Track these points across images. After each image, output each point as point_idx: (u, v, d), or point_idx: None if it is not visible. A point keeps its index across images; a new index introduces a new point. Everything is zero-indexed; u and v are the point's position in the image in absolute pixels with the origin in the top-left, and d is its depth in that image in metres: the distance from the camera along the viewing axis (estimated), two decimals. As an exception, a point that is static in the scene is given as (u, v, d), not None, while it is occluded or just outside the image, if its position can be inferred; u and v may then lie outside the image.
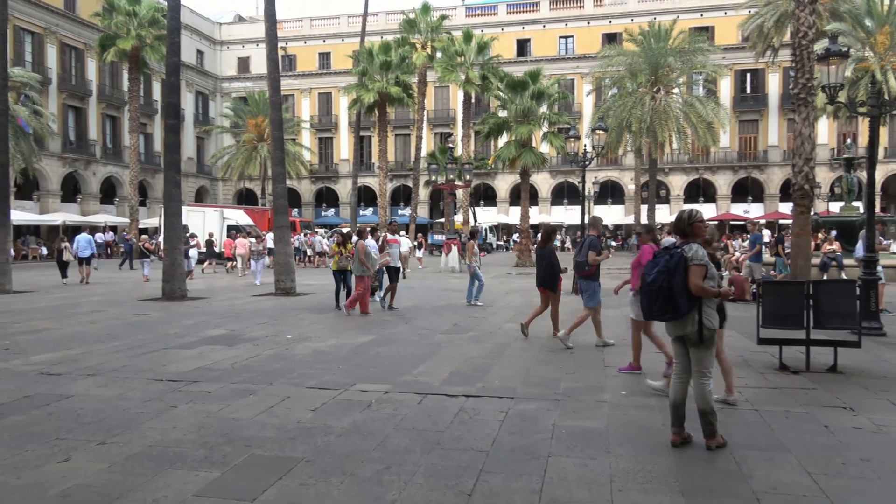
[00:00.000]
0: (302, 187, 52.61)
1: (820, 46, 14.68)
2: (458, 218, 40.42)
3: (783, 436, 5.00)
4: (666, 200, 47.09)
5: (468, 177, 33.33)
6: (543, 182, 49.87)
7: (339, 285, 13.46)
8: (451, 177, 29.88)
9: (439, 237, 36.41)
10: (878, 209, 37.51)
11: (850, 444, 4.81)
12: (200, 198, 51.13)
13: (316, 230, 39.36)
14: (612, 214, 48.95)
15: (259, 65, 50.81)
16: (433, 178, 35.22)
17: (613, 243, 41.89)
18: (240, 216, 33.97)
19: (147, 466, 4.41)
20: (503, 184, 50.76)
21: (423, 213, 49.29)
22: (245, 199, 52.15)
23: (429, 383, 6.78)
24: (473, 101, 41.65)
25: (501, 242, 49.27)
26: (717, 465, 4.40)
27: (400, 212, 51.53)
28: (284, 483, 4.13)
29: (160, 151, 43.60)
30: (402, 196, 52.10)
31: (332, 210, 54.23)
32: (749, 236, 17.37)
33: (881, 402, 5.97)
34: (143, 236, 25.07)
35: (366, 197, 51.65)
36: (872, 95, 10.90)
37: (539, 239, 9.99)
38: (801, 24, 14.43)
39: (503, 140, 30.97)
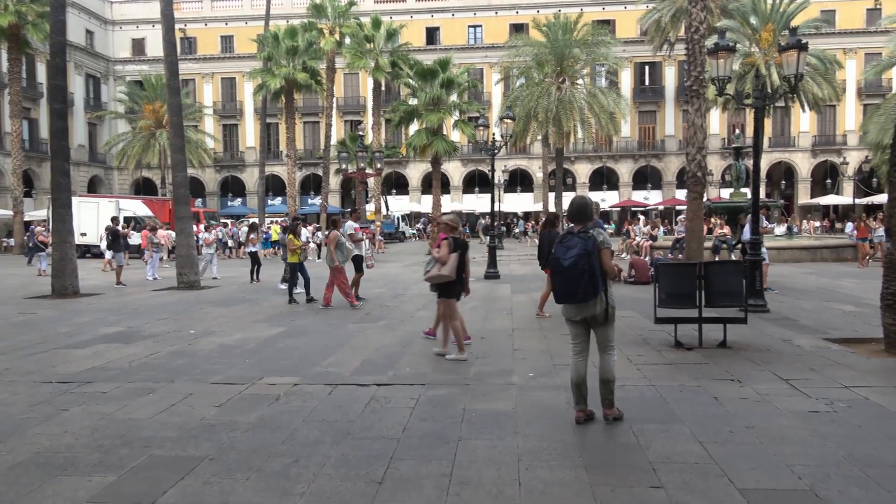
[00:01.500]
0: (206, 176, 50.49)
1: (711, 41, 15.57)
2: (371, 207, 40.10)
3: (677, 408, 5.31)
4: (573, 188, 48.59)
5: (379, 165, 33.06)
6: (455, 170, 50.28)
7: (295, 277, 12.83)
8: (362, 165, 29.57)
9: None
10: (763, 195, 40.34)
11: (737, 413, 5.17)
12: (94, 188, 48.05)
13: (223, 221, 37.90)
14: (521, 202, 50.12)
15: (155, 47, 48.06)
16: (344, 166, 34.67)
17: (521, 230, 42.82)
18: (138, 207, 32.23)
19: (34, 475, 4.12)
20: (415, 172, 50.79)
21: (334, 202, 48.52)
22: (144, 189, 49.47)
23: (339, 374, 6.71)
24: (384, 88, 41.26)
25: (414, 231, 49.34)
26: (617, 440, 4.61)
27: (310, 201, 50.55)
28: (186, 483, 3.98)
29: (47, 138, 40.56)
30: (313, 185, 51.10)
31: (239, 200, 52.44)
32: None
33: (765, 373, 6.44)
34: (39, 228, 23.27)
35: (274, 186, 50.26)
36: (757, 88, 11.68)
37: (543, 223, 10.41)
38: (693, 20, 15.21)
39: (414, 128, 30.90)
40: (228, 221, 37.64)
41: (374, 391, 5.98)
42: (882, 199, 30.32)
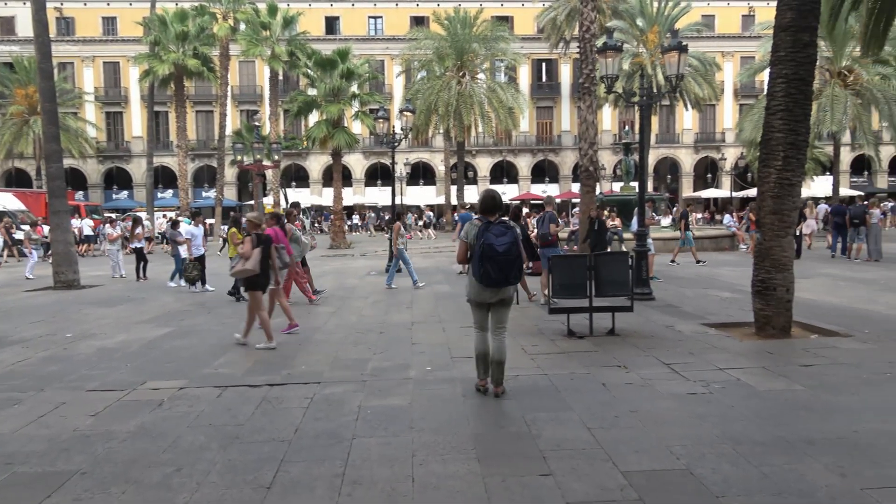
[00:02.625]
0: (87, 167, 47.11)
1: (601, 41, 16.19)
2: (269, 200, 38.87)
3: (568, 396, 5.47)
4: (474, 181, 49.32)
5: (277, 157, 32.09)
6: (357, 163, 49.68)
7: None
8: (259, 157, 28.55)
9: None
10: (650, 189, 42.62)
11: (622, 398, 5.40)
12: (-44, 179, 43.68)
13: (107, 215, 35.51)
14: (424, 195, 50.23)
15: (26, 26, 44.12)
16: (239, 157, 33.35)
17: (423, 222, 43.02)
18: (9, 200, 29.61)
19: None
20: (316, 164, 49.73)
21: (230, 195, 46.68)
22: (16, 180, 45.46)
23: (230, 375, 6.44)
24: (281, 77, 40.01)
25: (316, 224, 48.35)
26: (509, 430, 4.70)
27: (204, 194, 48.32)
28: (54, 501, 3.67)
29: None
30: (207, 177, 48.85)
31: (125, 192, 49.29)
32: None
33: (649, 358, 6.77)
34: None
35: (164, 178, 47.64)
36: (643, 87, 12.25)
37: (510, 216, 10.05)
38: (584, 20, 15.76)
39: (314, 119, 30.25)
40: (113, 215, 35.35)
41: (266, 392, 5.78)
42: (756, 192, 32.80)
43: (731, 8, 50.36)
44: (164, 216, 33.09)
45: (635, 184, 18.58)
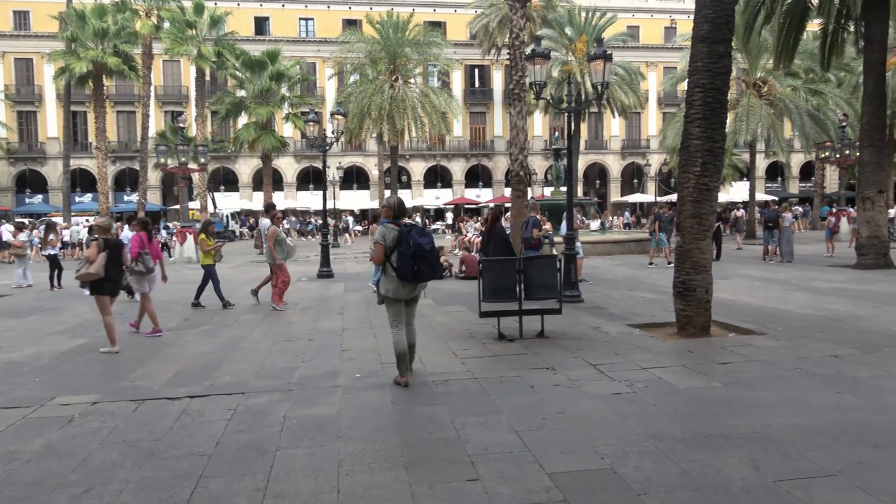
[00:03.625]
0: (-3, 169, 44.36)
1: (530, 49, 16.48)
2: (195, 204, 37.60)
3: (497, 399, 5.49)
4: (408, 185, 49.30)
5: (203, 160, 31.06)
6: (288, 166, 48.80)
7: (207, 281, 11.59)
8: (185, 160, 27.59)
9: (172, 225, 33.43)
10: (580, 193, 43.72)
11: (550, 400, 5.46)
12: None
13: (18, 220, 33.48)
14: (357, 199, 49.81)
15: (-72, 18, 41.38)
16: (163, 160, 32.16)
17: (359, 227, 42.62)
18: None
19: None
20: (245, 168, 48.52)
21: (154, 199, 44.95)
22: (-85, 183, 42.33)
23: (148, 387, 6.14)
24: (208, 78, 38.84)
25: (246, 230, 47.15)
26: (438, 436, 4.66)
27: (126, 198, 46.35)
28: (-57, 530, 3.38)
29: None
30: (129, 180, 46.88)
31: (40, 196, 46.65)
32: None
33: (577, 360, 6.89)
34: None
35: (83, 181, 45.42)
36: (571, 95, 12.52)
37: (489, 219, 10.72)
38: (514, 27, 16.01)
39: (243, 121, 29.51)
40: (26, 220, 33.38)
41: (186, 404, 5.54)
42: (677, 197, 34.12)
43: (654, 20, 52.34)
44: (87, 221, 31.44)
45: (565, 188, 19.00)
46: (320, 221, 42.25)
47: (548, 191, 38.59)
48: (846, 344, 7.30)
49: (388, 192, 39.62)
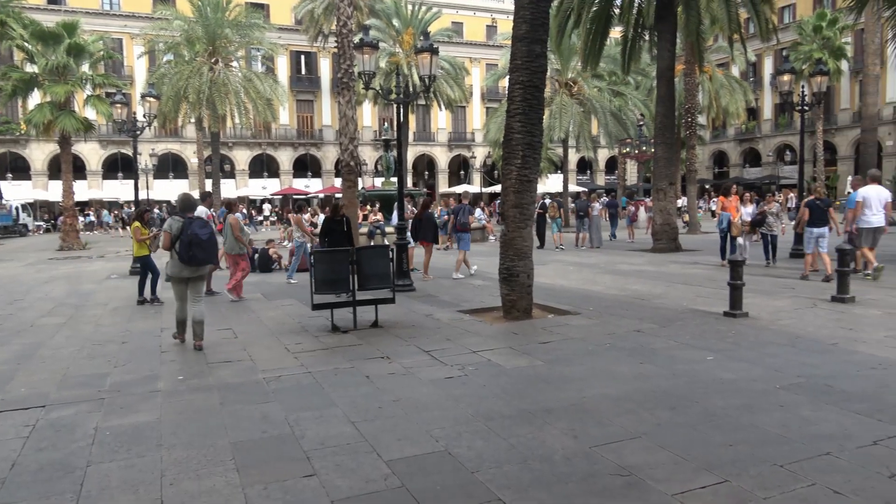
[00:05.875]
0: None
1: (358, 38, 16.39)
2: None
3: (332, 392, 5.43)
4: (231, 175, 46.86)
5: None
6: (92, 153, 44.12)
7: (147, 273, 10.70)
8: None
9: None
10: (409, 184, 44.49)
11: (385, 388, 5.50)
12: None
13: None
14: (174, 189, 46.31)
15: None
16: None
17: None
18: None
19: None
20: (39, 154, 43.04)
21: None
22: None
23: (-81, 408, 5.24)
24: (-12, 50, 33.79)
25: (41, 223, 41.90)
26: (272, 434, 4.50)
27: None
28: None
29: None
30: None
31: None
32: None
33: (410, 347, 7.02)
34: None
35: None
36: (399, 86, 12.64)
37: (421, 207, 13.63)
38: (341, 15, 15.80)
39: (36, 101, 26.10)
40: None
41: (-30, 424, 4.81)
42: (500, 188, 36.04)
43: (477, 17, 54.47)
44: None
45: (396, 179, 19.21)
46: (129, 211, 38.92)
47: (378, 181, 38.77)
48: (646, 319, 8.18)
49: (209, 182, 37.33)
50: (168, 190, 45.64)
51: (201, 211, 11.44)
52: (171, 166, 46.64)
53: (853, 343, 6.64)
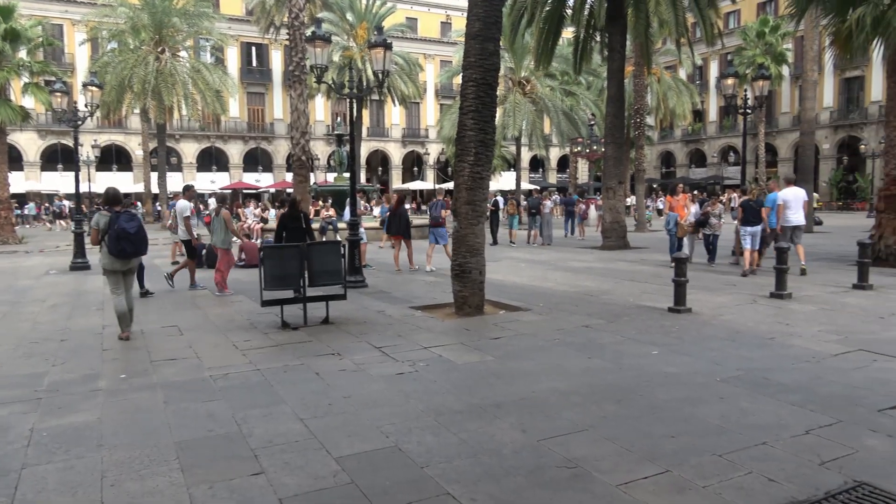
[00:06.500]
0: None
1: (311, 30, 16.16)
2: None
3: (281, 389, 5.36)
4: (178, 168, 45.64)
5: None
6: (30, 143, 42.30)
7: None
8: None
9: None
10: (362, 180, 44.18)
11: (336, 385, 5.47)
12: None
13: None
14: (119, 182, 44.83)
15: None
16: None
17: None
18: None
19: None
20: (-29, 143, 40.97)
21: None
22: None
23: None
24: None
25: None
26: (218, 433, 4.41)
27: None
28: None
29: None
30: None
31: None
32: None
33: (362, 344, 6.98)
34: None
35: None
36: (352, 80, 12.52)
37: (394, 203, 14.26)
38: (293, 6, 15.56)
39: (-34, 88, 24.82)
40: None
41: None
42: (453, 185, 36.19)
43: (431, 14, 54.41)
44: None
45: (348, 174, 19.02)
46: (62, 203, 37.15)
47: (331, 176, 38.38)
48: (595, 315, 8.35)
49: (154, 175, 36.29)
50: (111, 183, 44.07)
51: (183, 204, 11.88)
52: (114, 158, 45.14)
53: (789, 337, 6.92)
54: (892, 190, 13.04)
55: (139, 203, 39.17)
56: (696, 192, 16.79)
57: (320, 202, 22.16)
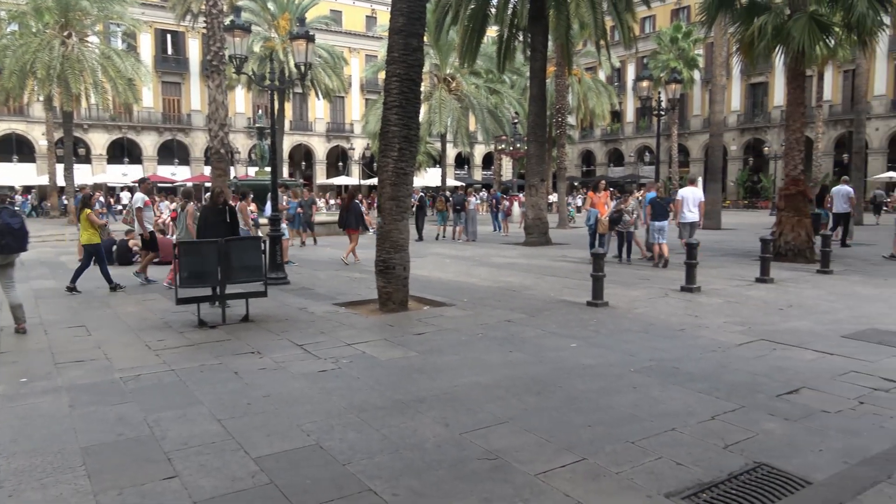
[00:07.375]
0: None
1: (230, 19, 15.63)
2: None
3: (197, 389, 5.18)
4: (87, 160, 43.19)
5: None
6: (-84, 130, 38.95)
7: (89, 262, 10.43)
8: None
9: None
10: (285, 174, 43.20)
11: (255, 384, 5.33)
12: None
13: None
14: (20, 174, 42.06)
15: None
16: None
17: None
18: None
19: None
20: None
21: None
22: None
23: None
24: None
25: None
26: (129, 436, 4.22)
27: None
28: None
29: None
30: None
31: None
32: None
33: (282, 341, 6.84)
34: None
35: None
36: (274, 72, 12.22)
37: (347, 197, 15.08)
38: (211, -6, 15.01)
39: None
40: None
41: None
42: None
43: (356, 7, 53.79)
44: None
45: (270, 169, 18.52)
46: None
47: (252, 171, 37.33)
48: (517, 310, 8.51)
49: (60, 167, 34.19)
50: (11, 174, 41.32)
51: (139, 196, 11.69)
52: (14, 148, 42.22)
53: (698, 329, 7.29)
54: (791, 190, 13.93)
55: (27, 197, 37.01)
56: (612, 188, 17.37)
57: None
